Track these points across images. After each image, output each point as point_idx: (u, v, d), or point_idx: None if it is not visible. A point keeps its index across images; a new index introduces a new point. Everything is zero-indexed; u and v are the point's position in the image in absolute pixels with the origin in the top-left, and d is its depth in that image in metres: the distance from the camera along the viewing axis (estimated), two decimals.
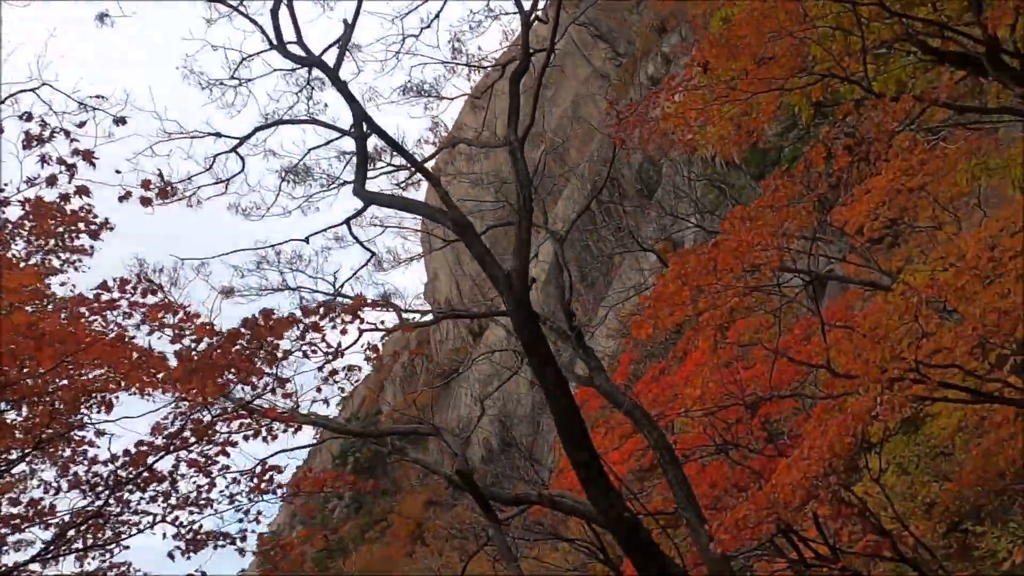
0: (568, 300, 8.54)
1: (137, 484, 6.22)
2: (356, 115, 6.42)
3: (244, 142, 7.44)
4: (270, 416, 6.91)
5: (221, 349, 5.52)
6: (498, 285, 5.62)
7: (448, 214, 5.87)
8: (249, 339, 5.57)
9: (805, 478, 5.21)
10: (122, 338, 5.57)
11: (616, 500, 5.26)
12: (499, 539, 7.07)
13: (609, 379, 8.19)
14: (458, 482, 7.03)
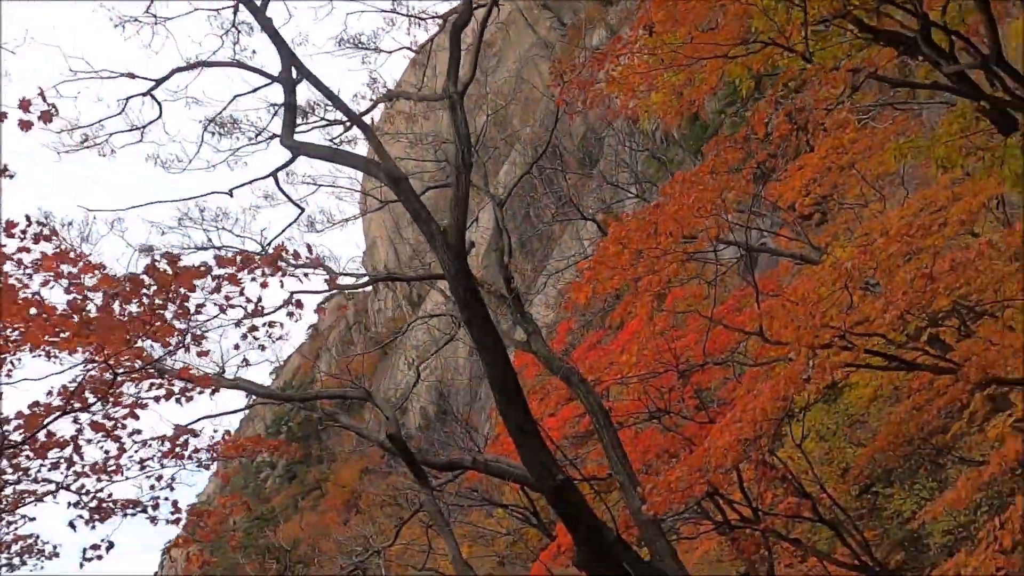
0: (506, 263, 8.38)
1: (34, 449, 5.72)
2: (285, 59, 5.97)
3: (160, 84, 6.85)
4: (184, 377, 6.48)
5: (121, 301, 5.06)
6: (433, 242, 5.38)
7: (382, 166, 5.56)
8: (157, 289, 5.12)
9: (736, 441, 5.27)
10: (13, 290, 5.02)
11: (548, 461, 5.19)
12: (431, 505, 6.95)
13: (546, 344, 8.11)
14: (390, 447, 6.84)
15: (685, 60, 8.84)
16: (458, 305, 5.30)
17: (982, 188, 10.87)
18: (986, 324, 11.21)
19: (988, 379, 6.58)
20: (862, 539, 11.23)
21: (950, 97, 11.14)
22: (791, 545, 12.21)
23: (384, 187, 9.20)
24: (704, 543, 17.51)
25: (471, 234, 31.81)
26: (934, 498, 14.62)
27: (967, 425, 14.13)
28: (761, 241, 16.87)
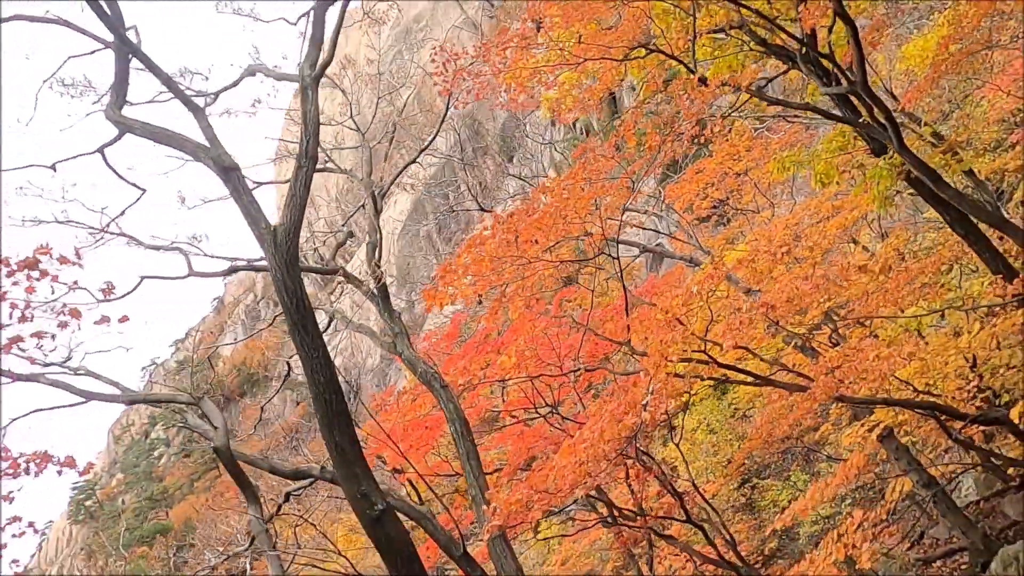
0: (377, 259, 7.95)
1: None
2: (114, 20, 5.29)
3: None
4: None
5: None
6: (263, 242, 4.92)
7: (210, 152, 5.03)
8: None
9: (578, 463, 5.14)
10: None
11: (369, 489, 4.88)
12: (257, 525, 6.48)
13: (411, 346, 7.77)
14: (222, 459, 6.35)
15: (574, 59, 8.60)
16: (285, 313, 4.88)
17: (859, 202, 11.29)
18: (855, 332, 11.74)
19: (835, 398, 6.74)
20: (729, 536, 11.58)
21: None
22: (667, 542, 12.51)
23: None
24: (594, 532, 17.89)
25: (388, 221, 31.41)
26: (807, 489, 15.40)
27: (833, 427, 14.87)
28: (657, 242, 17.11)
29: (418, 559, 4.93)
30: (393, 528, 4.82)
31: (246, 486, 6.50)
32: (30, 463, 5.84)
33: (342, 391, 4.89)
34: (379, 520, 4.75)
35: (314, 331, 4.87)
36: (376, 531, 4.82)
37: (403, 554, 4.80)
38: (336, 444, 4.78)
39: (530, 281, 7.00)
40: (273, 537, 6.68)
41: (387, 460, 12.82)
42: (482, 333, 12.50)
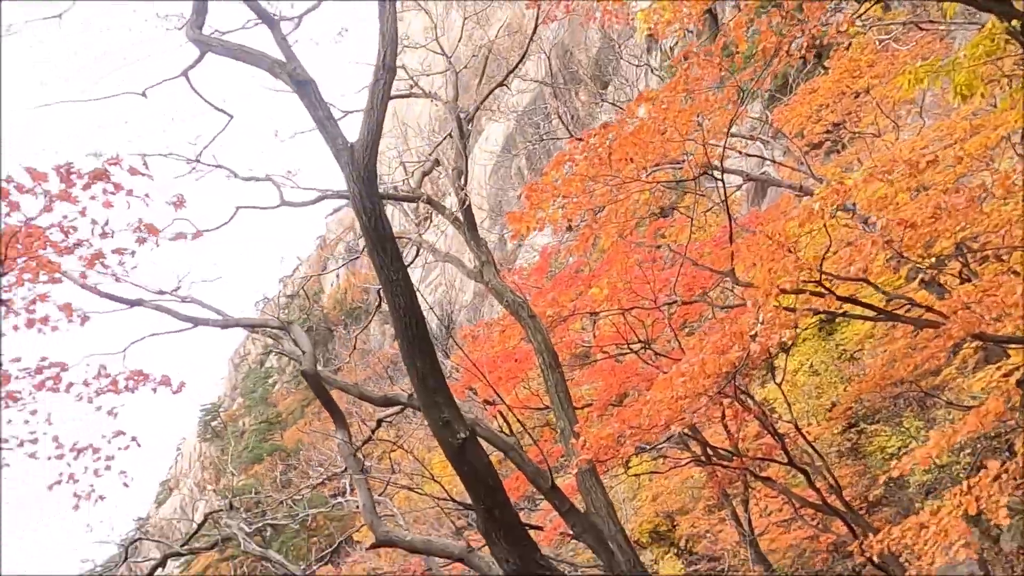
0: (463, 183, 7.65)
1: None
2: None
3: None
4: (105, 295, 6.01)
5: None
6: (340, 159, 4.70)
7: (286, 67, 4.82)
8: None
9: (676, 399, 4.75)
10: None
11: (452, 417, 4.70)
12: (345, 448, 6.55)
13: (497, 274, 7.51)
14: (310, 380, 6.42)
15: None
16: (363, 233, 4.69)
17: (1003, 120, 9.84)
18: (990, 268, 10.45)
19: (974, 335, 5.92)
20: (834, 481, 10.95)
21: (984, 17, 9.91)
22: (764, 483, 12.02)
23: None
24: (686, 470, 17.61)
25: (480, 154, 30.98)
26: (920, 436, 14.38)
27: (957, 371, 13.57)
28: (762, 171, 15.85)
29: (502, 489, 4.79)
30: (476, 457, 4.68)
31: (334, 410, 6.59)
32: (129, 381, 6.16)
33: (423, 316, 4.70)
34: (461, 449, 4.61)
35: (393, 252, 4.68)
36: (459, 460, 4.69)
37: (486, 484, 4.67)
38: (418, 371, 4.63)
39: (624, 205, 6.48)
40: (363, 461, 6.80)
41: (478, 391, 12.90)
42: (573, 266, 12.10)
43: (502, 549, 4.67)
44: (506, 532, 4.67)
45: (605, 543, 6.24)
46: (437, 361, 4.75)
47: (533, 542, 4.81)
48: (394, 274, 4.60)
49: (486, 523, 4.69)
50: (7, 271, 5.48)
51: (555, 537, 15.47)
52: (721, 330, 5.00)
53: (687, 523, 19.03)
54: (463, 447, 4.61)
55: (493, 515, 4.64)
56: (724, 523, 17.52)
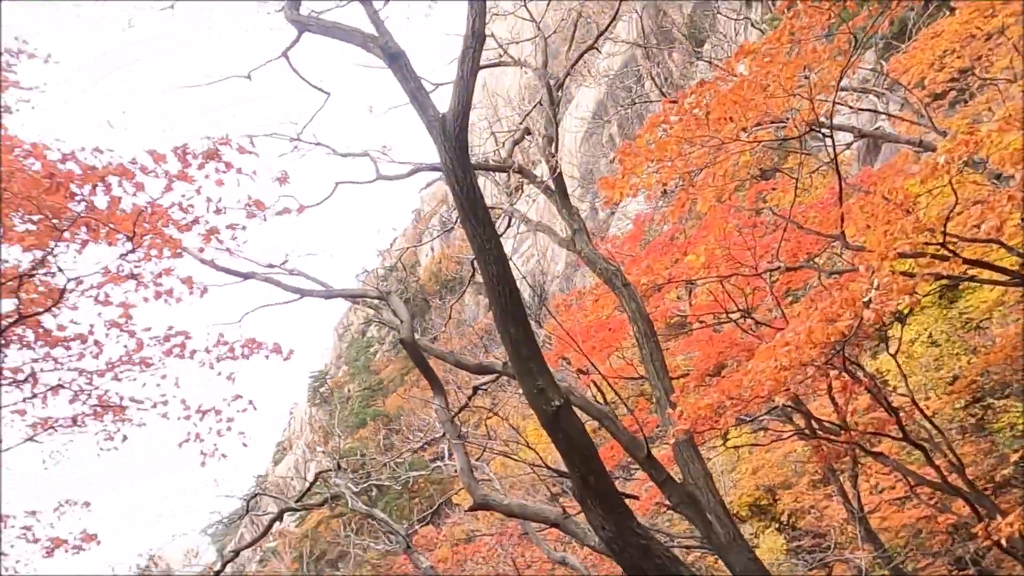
0: (553, 151, 7.54)
1: (45, 337, 5.99)
2: None
3: None
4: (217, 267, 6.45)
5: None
6: (432, 130, 4.73)
7: (378, 40, 4.88)
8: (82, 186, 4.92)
9: (779, 369, 4.52)
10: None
11: (546, 384, 4.69)
12: (443, 414, 6.72)
13: (590, 243, 7.39)
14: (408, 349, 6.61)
15: None
16: (456, 204, 4.72)
17: None
18: None
19: None
20: (956, 459, 10.20)
21: None
22: (875, 459, 11.38)
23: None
24: (789, 444, 16.97)
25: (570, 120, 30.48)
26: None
27: None
28: (876, 126, 14.64)
29: (597, 458, 4.76)
30: (570, 425, 4.67)
31: (431, 378, 6.77)
32: (244, 348, 6.62)
33: (516, 284, 4.70)
34: (555, 416, 4.61)
35: (486, 221, 4.70)
36: (553, 427, 4.71)
37: (581, 452, 4.65)
38: (511, 339, 4.66)
39: (722, 168, 6.18)
40: (460, 427, 6.98)
41: (571, 361, 12.90)
42: (667, 233, 11.75)
43: (597, 516, 4.68)
44: (601, 500, 4.67)
45: (703, 515, 6.12)
46: (530, 329, 4.75)
47: (629, 510, 4.77)
48: (486, 242, 4.62)
49: (581, 491, 4.70)
50: (136, 247, 6.00)
51: (651, 507, 15.38)
52: (829, 297, 4.69)
53: (790, 497, 18.38)
54: (557, 415, 4.61)
55: (588, 483, 4.64)
56: (830, 499, 16.81)
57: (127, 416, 7.13)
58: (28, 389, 6.67)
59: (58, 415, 8.22)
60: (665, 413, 6.15)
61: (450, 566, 17.19)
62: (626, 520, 4.69)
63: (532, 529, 10.24)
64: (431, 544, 17.70)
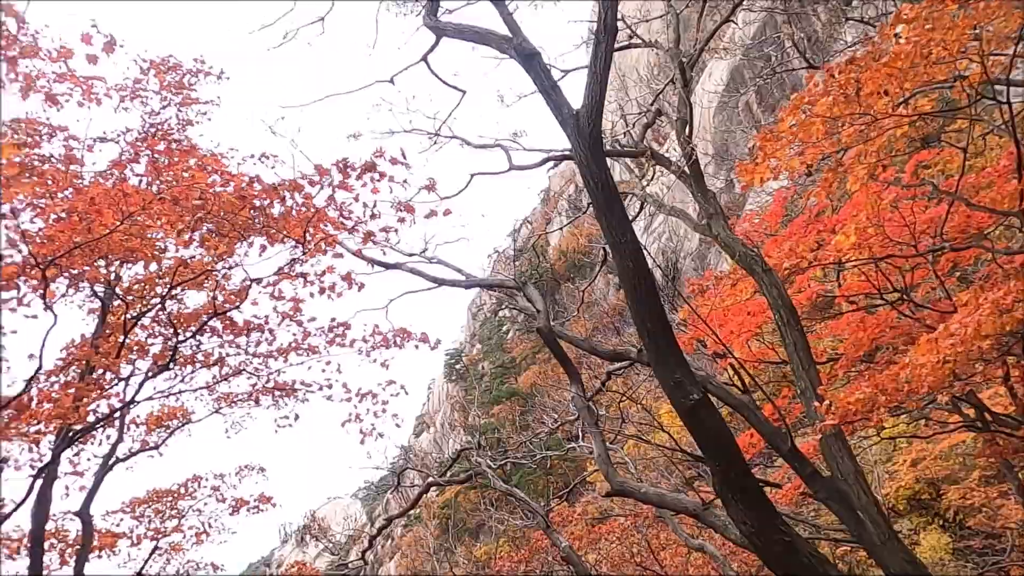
0: (688, 135, 7.33)
1: (232, 328, 6.81)
2: None
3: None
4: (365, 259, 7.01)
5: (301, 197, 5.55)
6: (565, 127, 4.79)
7: (512, 41, 5.00)
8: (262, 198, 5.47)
9: (942, 363, 4.16)
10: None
11: (683, 374, 4.63)
12: (579, 401, 6.81)
13: (727, 227, 7.12)
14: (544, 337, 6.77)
15: None
16: (591, 199, 4.75)
17: None
18: None
19: None
20: None
21: None
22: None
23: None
24: (957, 435, 15.51)
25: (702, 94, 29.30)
26: None
27: None
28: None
29: (737, 450, 4.67)
30: (709, 418, 4.62)
31: (568, 365, 6.92)
32: (396, 337, 7.15)
33: (652, 276, 4.69)
34: (693, 409, 4.58)
35: (620, 214, 4.72)
36: (691, 420, 4.68)
37: (720, 444, 4.59)
38: (647, 332, 4.67)
39: (876, 144, 5.75)
40: (596, 412, 7.10)
41: (707, 345, 12.56)
42: (812, 210, 11.07)
43: (738, 511, 4.61)
44: (742, 495, 4.59)
45: (853, 511, 5.82)
46: (667, 321, 4.74)
47: (771, 506, 4.65)
48: (622, 236, 4.65)
49: (720, 484, 4.64)
50: (306, 251, 6.72)
51: (795, 495, 14.71)
52: (1003, 284, 4.25)
53: (956, 493, 16.83)
54: (695, 408, 4.58)
55: (728, 477, 4.58)
56: (1007, 498, 15.21)
57: (298, 397, 8.03)
58: (216, 370, 7.71)
59: (238, 392, 9.36)
60: (811, 405, 5.89)
61: (584, 544, 17.46)
62: (769, 516, 4.58)
63: (668, 514, 10.17)
64: (565, 521, 18.06)
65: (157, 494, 11.43)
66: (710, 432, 4.64)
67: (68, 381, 7.18)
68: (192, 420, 9.75)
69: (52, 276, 7.31)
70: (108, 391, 7.96)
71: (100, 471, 8.64)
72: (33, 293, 5.97)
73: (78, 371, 7.45)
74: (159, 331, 8.41)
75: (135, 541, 10.77)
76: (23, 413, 6.89)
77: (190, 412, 9.92)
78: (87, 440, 8.38)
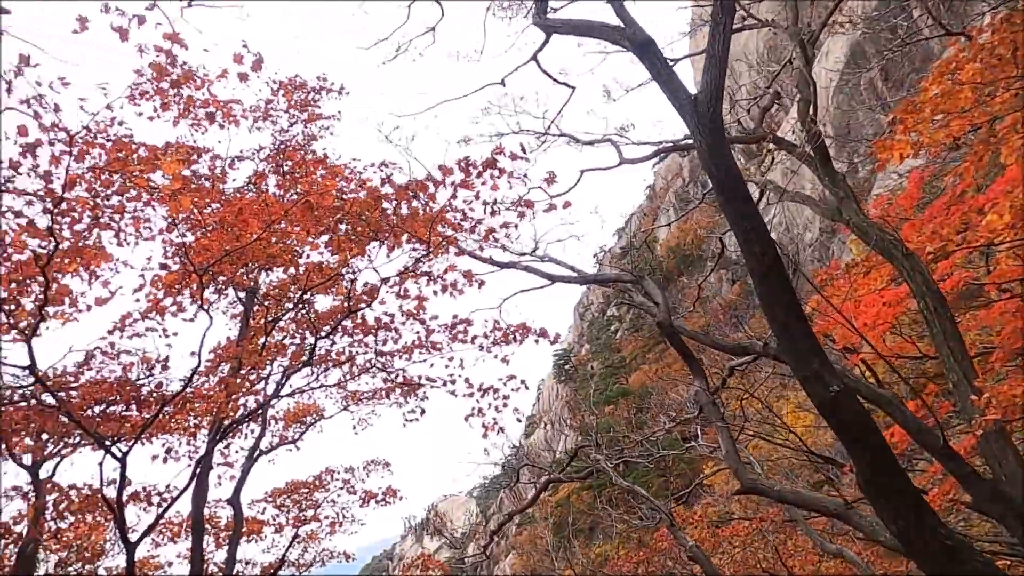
0: (812, 116, 6.90)
1: (362, 327, 7.18)
2: None
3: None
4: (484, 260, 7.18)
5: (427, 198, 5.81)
6: (683, 112, 4.63)
7: (625, 32, 4.90)
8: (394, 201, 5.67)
9: None
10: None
11: (821, 367, 4.34)
12: (703, 396, 6.55)
13: (859, 210, 6.62)
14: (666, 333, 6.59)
15: None
16: (714, 186, 4.57)
17: None
18: None
19: None
20: None
21: None
22: None
23: None
24: None
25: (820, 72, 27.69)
26: None
27: None
28: None
29: (885, 447, 4.32)
30: (851, 412, 4.30)
31: (691, 359, 6.71)
32: (516, 332, 7.24)
33: (782, 263, 4.45)
34: (835, 402, 4.29)
35: (746, 199, 4.51)
36: (832, 414, 4.38)
37: (865, 440, 4.26)
38: (780, 321, 4.42)
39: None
40: (721, 408, 6.84)
41: (836, 339, 11.79)
42: (954, 189, 10.14)
43: (887, 510, 4.26)
44: (892, 494, 4.24)
45: (1020, 518, 5.24)
46: (800, 309, 4.48)
47: (928, 506, 4.25)
48: (747, 222, 4.45)
49: (868, 484, 4.31)
50: (429, 250, 7.01)
51: (942, 502, 13.48)
52: None
53: None
54: (836, 400, 4.29)
55: (876, 475, 4.24)
56: None
57: (419, 394, 8.37)
58: (347, 367, 8.19)
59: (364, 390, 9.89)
60: (966, 400, 5.36)
61: (706, 549, 16.90)
62: (925, 517, 4.21)
63: (800, 517, 9.64)
64: (684, 524, 17.55)
65: (294, 485, 12.27)
66: (853, 425, 4.33)
67: (221, 378, 7.86)
68: (324, 416, 10.39)
69: (206, 282, 8.03)
70: (254, 388, 8.65)
71: (247, 462, 9.38)
72: (191, 299, 6.59)
73: (227, 370, 8.14)
74: (296, 331, 9.02)
75: (278, 528, 11.64)
76: (183, 408, 7.61)
77: (322, 409, 10.58)
78: (235, 434, 9.13)
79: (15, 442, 6.57)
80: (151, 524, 6.26)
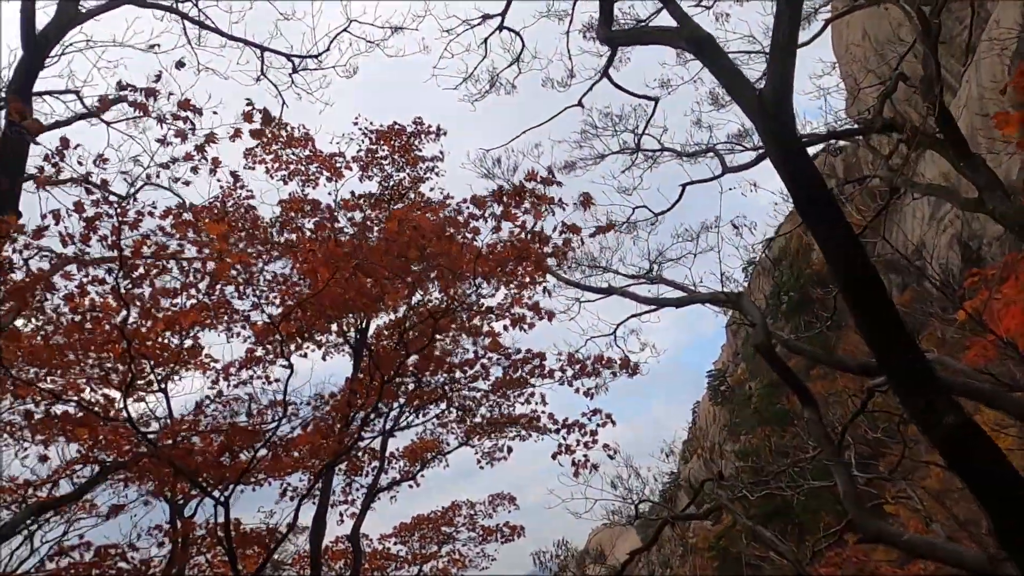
0: (938, 95, 5.91)
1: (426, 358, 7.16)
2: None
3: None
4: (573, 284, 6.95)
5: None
6: (750, 112, 4.10)
7: (682, 32, 4.47)
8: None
9: None
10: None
11: (933, 393, 3.55)
12: (816, 427, 5.71)
13: (1007, 198, 5.51)
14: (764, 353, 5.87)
15: None
16: (786, 184, 3.99)
17: None
18: None
19: None
20: None
21: None
22: None
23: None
24: None
25: (987, 39, 24.49)
26: None
27: None
28: None
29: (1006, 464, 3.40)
30: (977, 447, 3.44)
31: (797, 384, 5.93)
32: (594, 364, 6.90)
33: (877, 275, 3.75)
34: (951, 437, 3.48)
35: (825, 204, 3.89)
36: (951, 451, 3.56)
37: (997, 484, 3.36)
38: (878, 343, 3.70)
39: None
40: (837, 441, 5.92)
41: (1019, 346, 10.04)
42: None
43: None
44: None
45: None
46: (904, 328, 3.75)
47: None
48: (830, 230, 3.83)
49: (1003, 538, 3.44)
50: (526, 281, 6.95)
51: None
52: None
53: None
54: (952, 435, 3.49)
55: (1012, 527, 3.36)
56: None
57: (516, 430, 8.23)
58: (443, 405, 8.27)
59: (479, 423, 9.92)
60: None
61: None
62: None
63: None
64: (835, 569, 15.50)
65: (419, 520, 12.47)
66: (980, 471, 3.51)
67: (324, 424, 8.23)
68: (444, 452, 10.53)
69: (321, 329, 8.49)
70: (371, 426, 8.97)
71: (366, 499, 9.69)
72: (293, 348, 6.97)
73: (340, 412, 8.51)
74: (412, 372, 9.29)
75: (398, 565, 11.87)
76: (303, 447, 8.03)
77: (442, 443, 10.73)
78: (356, 471, 9.49)
79: (158, 486, 7.30)
80: (263, 562, 6.60)
